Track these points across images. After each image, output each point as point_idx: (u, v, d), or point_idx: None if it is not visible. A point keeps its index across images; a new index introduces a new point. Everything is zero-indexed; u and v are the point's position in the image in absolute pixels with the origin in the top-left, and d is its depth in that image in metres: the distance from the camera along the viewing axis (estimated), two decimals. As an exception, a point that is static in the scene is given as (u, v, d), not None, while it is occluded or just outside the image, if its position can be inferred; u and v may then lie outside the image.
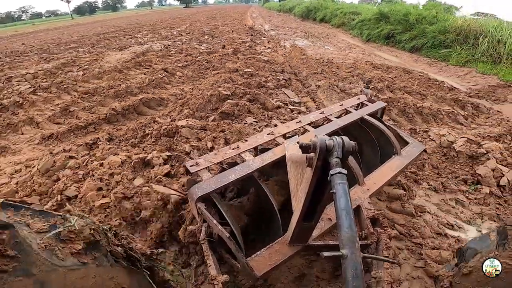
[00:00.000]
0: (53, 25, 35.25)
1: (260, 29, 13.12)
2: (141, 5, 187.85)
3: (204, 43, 8.44)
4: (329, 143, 0.94)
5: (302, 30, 13.20)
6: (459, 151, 2.91)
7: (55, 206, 2.23)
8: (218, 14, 26.89)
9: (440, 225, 2.13)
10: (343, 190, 0.85)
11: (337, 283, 1.66)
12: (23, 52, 9.55)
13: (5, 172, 2.90)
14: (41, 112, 4.06)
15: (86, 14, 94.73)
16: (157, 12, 45.92)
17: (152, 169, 2.56)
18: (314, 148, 0.95)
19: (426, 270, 1.75)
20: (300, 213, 1.17)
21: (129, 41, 9.61)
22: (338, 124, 2.17)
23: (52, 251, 0.79)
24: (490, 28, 7.03)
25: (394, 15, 9.88)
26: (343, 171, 0.89)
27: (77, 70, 5.95)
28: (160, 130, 2.96)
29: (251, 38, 9.28)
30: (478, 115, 4.21)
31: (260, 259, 1.33)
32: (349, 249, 0.74)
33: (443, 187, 2.53)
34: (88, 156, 2.86)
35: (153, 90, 4.29)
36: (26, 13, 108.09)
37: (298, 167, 1.18)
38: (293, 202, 1.25)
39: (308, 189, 1.05)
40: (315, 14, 17.82)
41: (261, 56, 6.32)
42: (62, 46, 9.98)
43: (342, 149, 0.93)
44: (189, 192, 1.52)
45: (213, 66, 5.39)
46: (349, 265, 0.72)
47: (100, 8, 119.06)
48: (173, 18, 22.40)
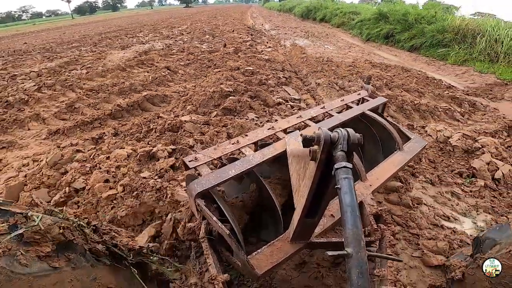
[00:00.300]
0: (53, 24, 35.25)
1: (260, 28, 13.21)
2: (141, 5, 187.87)
3: (205, 42, 8.52)
4: (333, 135, 0.90)
5: (302, 29, 13.29)
6: (455, 146, 2.99)
7: (63, 198, 2.31)
8: (218, 13, 26.98)
9: (437, 217, 2.19)
10: (348, 185, 0.82)
11: (337, 271, 1.72)
12: (26, 51, 9.63)
13: (12, 166, 2.99)
14: (47, 108, 4.14)
15: (86, 14, 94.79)
16: (157, 12, 46.06)
17: (157, 161, 2.64)
18: (318, 140, 0.91)
19: (423, 259, 1.81)
20: (303, 209, 1.14)
21: (131, 40, 9.70)
22: (339, 119, 2.16)
23: (13, 257, 0.69)
24: (487, 28, 7.11)
25: (393, 15, 9.97)
26: (348, 165, 0.85)
27: (80, 68, 6.04)
28: (164, 125, 3.04)
29: (251, 37, 9.36)
30: (475, 112, 4.29)
31: (261, 257, 1.31)
32: (354, 248, 0.72)
33: (439, 180, 2.60)
34: (95, 150, 2.93)
35: (156, 88, 4.38)
36: (27, 12, 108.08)
37: (301, 161, 1.15)
38: (295, 198, 1.22)
39: (311, 183, 1.01)
40: (315, 14, 17.90)
41: (262, 55, 6.41)
42: (65, 46, 10.06)
43: (347, 142, 0.89)
44: (187, 188, 1.50)
45: (215, 64, 5.48)
46: (354, 264, 0.70)
47: (100, 8, 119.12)
48: (174, 18, 22.49)
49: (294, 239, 1.37)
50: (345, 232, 0.77)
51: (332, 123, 2.12)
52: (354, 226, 0.76)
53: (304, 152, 1.06)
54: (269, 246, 1.36)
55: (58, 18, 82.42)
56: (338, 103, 2.50)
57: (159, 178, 2.42)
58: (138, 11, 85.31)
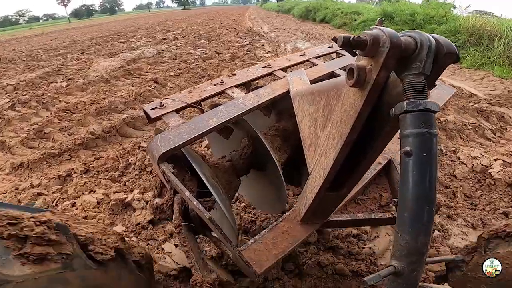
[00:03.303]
0: (49, 29, 35.10)
1: (259, 31, 12.67)
2: (139, 7, 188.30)
3: (200, 48, 7.98)
4: (407, 40, 0.52)
5: (303, 31, 12.76)
6: (496, 179, 2.49)
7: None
8: (216, 15, 26.47)
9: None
10: (428, 151, 0.47)
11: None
12: (11, 59, 9.10)
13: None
14: (15, 134, 3.60)
15: (83, 18, 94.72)
16: (155, 15, 45.50)
17: (134, 212, 2.11)
18: (375, 44, 0.51)
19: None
20: (326, 177, 0.75)
21: (122, 46, 9.15)
22: (354, 59, 1.79)
23: None
24: (505, 29, 6.58)
25: (399, 15, 9.43)
26: (431, 105, 0.50)
27: (61, 80, 5.49)
28: (144, 160, 2.50)
29: (250, 41, 8.82)
30: (506, 128, 3.77)
31: (260, 247, 0.94)
32: (408, 263, 0.49)
33: (482, 223, 2.12)
34: (60, 193, 2.41)
35: (140, 105, 3.83)
36: (24, 17, 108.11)
37: (319, 99, 0.78)
38: (309, 158, 0.85)
39: (349, 131, 0.62)
40: (315, 15, 17.37)
41: (262, 62, 5.86)
42: (52, 52, 9.52)
43: (435, 54, 0.51)
44: (148, 147, 1.05)
45: (208, 74, 4.93)
46: (402, 285, 0.50)
47: (98, 11, 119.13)
48: (170, 21, 21.95)
49: (307, 219, 0.99)
50: (400, 235, 0.50)
51: (345, 62, 1.70)
52: (419, 230, 0.48)
53: (329, 84, 0.74)
54: (272, 230, 1.01)
55: (55, 22, 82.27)
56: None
57: (135, 236, 1.94)
58: (136, 14, 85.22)
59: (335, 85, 0.67)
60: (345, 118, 0.62)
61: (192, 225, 1.00)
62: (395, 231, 0.52)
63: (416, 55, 0.51)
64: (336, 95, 0.68)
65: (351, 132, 0.62)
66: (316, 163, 0.80)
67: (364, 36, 0.52)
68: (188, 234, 0.95)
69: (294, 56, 1.79)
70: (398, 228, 0.51)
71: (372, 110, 0.60)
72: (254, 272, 0.89)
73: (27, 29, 50.74)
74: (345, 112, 0.63)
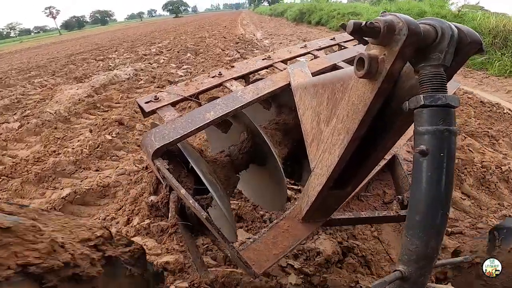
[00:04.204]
0: (38, 42, 34.36)
1: (251, 38, 11.74)
2: (131, 17, 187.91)
3: (185, 64, 7.03)
4: (425, 28, 0.50)
5: (299, 36, 11.85)
6: None
7: None
8: (207, 23, 25.55)
9: None
10: (446, 150, 0.44)
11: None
12: (-24, 85, 8.11)
13: None
14: None
15: (74, 29, 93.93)
16: (145, 25, 44.51)
17: None
18: (390, 31, 0.48)
19: None
20: (330, 174, 0.74)
21: (98, 65, 8.18)
22: (357, 52, 1.84)
23: None
24: (533, 28, 5.68)
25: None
26: (450, 99, 0.46)
27: (15, 120, 4.51)
28: None
29: (242, 52, 7.87)
30: None
31: (260, 247, 0.94)
32: (417, 269, 0.47)
33: None
34: None
35: (96, 164, 2.83)
36: (14, 30, 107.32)
37: (323, 92, 0.76)
38: (311, 154, 0.84)
39: (358, 126, 0.61)
40: (310, 17, 16.51)
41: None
42: (22, 75, 8.55)
43: (457, 44, 0.48)
44: (142, 142, 1.03)
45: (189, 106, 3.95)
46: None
47: (89, 22, 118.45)
48: (159, 31, 20.99)
49: (309, 217, 0.99)
50: (408, 239, 0.49)
51: (349, 54, 1.69)
52: (430, 235, 0.46)
53: (330, 77, 0.73)
54: (272, 229, 1.01)
55: (45, 35, 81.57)
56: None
57: None
58: (128, 23, 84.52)
59: (341, 77, 0.68)
60: (353, 112, 0.63)
61: (189, 224, 0.99)
62: (404, 235, 0.51)
63: (436, 45, 0.50)
64: (342, 88, 0.68)
65: (359, 127, 0.62)
66: (319, 159, 0.80)
67: (377, 23, 0.50)
68: (185, 233, 1.01)
69: (295, 48, 1.85)
70: (407, 232, 0.50)
71: (390, 99, 0.58)
72: (253, 272, 0.89)
73: (18, 42, 50.00)
74: (352, 105, 0.63)
